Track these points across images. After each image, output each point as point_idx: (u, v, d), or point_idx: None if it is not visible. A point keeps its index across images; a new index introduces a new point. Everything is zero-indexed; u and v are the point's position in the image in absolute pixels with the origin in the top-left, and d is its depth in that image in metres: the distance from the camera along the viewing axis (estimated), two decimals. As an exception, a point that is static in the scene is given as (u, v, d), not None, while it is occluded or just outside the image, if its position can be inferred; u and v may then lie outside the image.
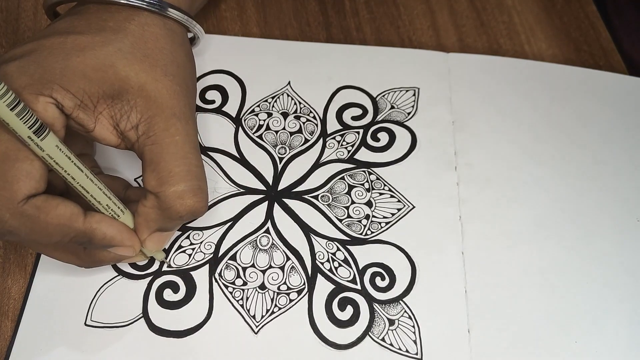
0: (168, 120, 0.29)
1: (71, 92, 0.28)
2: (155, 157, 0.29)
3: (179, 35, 0.33)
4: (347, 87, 0.41)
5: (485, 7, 0.47)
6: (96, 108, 0.29)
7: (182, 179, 0.29)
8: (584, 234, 0.37)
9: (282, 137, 0.39)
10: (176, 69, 0.31)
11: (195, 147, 0.30)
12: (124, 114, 0.29)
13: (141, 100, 0.29)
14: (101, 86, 0.28)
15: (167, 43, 0.31)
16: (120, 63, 0.29)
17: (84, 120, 0.29)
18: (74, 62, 0.28)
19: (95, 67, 0.28)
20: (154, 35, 0.31)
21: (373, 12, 0.45)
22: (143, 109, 0.29)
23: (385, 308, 0.34)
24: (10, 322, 0.32)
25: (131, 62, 0.29)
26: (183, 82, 0.31)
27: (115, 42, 0.29)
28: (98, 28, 0.30)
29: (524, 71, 0.42)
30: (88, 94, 0.28)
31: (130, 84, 0.29)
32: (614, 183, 0.39)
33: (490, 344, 0.33)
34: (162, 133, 0.29)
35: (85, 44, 0.29)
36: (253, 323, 0.33)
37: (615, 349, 0.33)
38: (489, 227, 0.36)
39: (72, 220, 0.28)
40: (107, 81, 0.28)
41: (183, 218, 0.29)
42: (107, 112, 0.29)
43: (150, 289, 0.33)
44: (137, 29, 0.31)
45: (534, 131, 0.40)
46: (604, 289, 0.35)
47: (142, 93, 0.29)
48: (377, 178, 0.38)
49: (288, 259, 0.35)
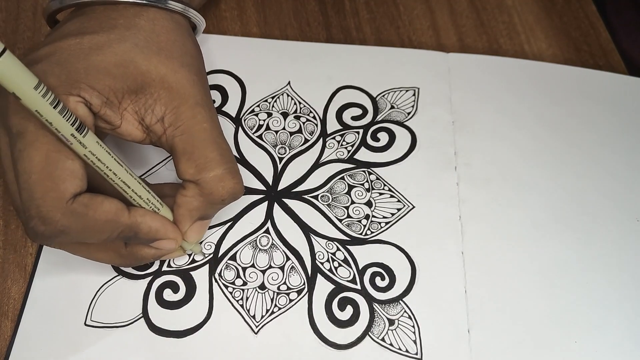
0: (193, 108, 0.30)
1: (97, 90, 0.28)
2: (188, 146, 0.29)
3: (185, 27, 0.33)
4: (347, 87, 0.41)
5: (485, 7, 0.47)
6: (121, 104, 0.29)
7: (219, 163, 0.29)
8: (584, 233, 0.37)
9: (282, 137, 0.39)
10: (190, 59, 0.31)
11: (221, 132, 0.31)
12: (148, 108, 0.30)
13: (164, 92, 0.29)
14: (125, 82, 0.29)
15: (178, 35, 0.32)
16: (139, 57, 0.29)
17: (110, 117, 0.29)
18: (95, 61, 0.28)
19: (116, 64, 0.29)
20: (164, 29, 0.31)
21: (373, 12, 0.45)
22: (167, 100, 0.29)
23: (385, 308, 0.34)
24: (10, 322, 0.32)
25: (148, 56, 0.29)
26: (199, 72, 0.32)
27: (130, 38, 0.30)
28: (110, 26, 0.30)
29: (524, 71, 0.42)
30: (113, 91, 0.28)
31: (151, 77, 0.29)
32: (613, 183, 0.39)
33: (490, 344, 0.33)
34: (190, 121, 0.30)
35: (102, 43, 0.29)
36: (253, 323, 0.33)
37: (615, 349, 0.33)
38: (489, 227, 0.36)
39: (118, 215, 0.28)
40: (130, 76, 0.29)
41: (225, 201, 0.30)
42: (131, 107, 0.30)
43: (150, 289, 0.33)
44: (148, 24, 0.31)
45: (533, 131, 0.40)
46: (604, 289, 0.35)
47: (164, 85, 0.29)
48: (377, 178, 0.38)
49: (288, 259, 0.35)
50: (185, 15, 0.34)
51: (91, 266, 0.33)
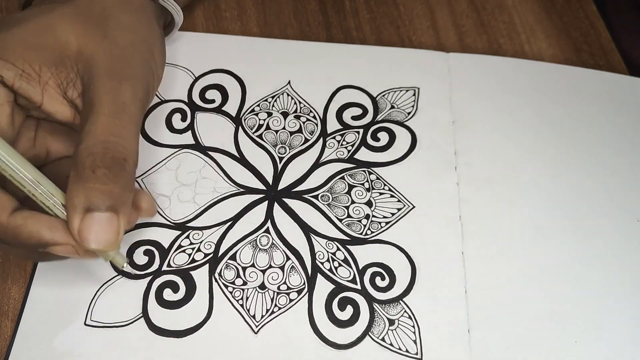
0: (99, 80, 0.28)
1: (10, 62, 0.27)
2: (82, 118, 0.27)
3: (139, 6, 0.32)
4: (347, 87, 0.41)
5: (485, 7, 0.47)
6: (41, 77, 0.28)
7: (97, 136, 0.26)
8: (584, 233, 0.37)
9: (282, 137, 0.39)
10: (120, 32, 0.30)
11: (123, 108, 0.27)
12: (69, 82, 0.28)
13: (82, 65, 0.28)
14: (42, 52, 0.28)
15: (116, 10, 0.31)
16: (61, 27, 0.28)
17: (29, 91, 0.27)
18: (14, 32, 0.28)
19: (34, 34, 0.28)
20: (101, 4, 0.30)
21: (373, 12, 0.45)
22: (84, 73, 0.28)
23: (385, 308, 0.34)
24: (10, 322, 0.32)
25: (72, 27, 0.29)
26: (129, 46, 0.30)
27: (59, 8, 0.29)
28: (49, 2, 0.30)
29: (524, 71, 0.42)
30: (29, 62, 0.27)
31: (70, 49, 0.28)
32: (614, 183, 0.39)
33: (490, 344, 0.33)
34: (91, 93, 0.27)
35: (29, 15, 0.28)
36: (253, 323, 0.33)
37: (615, 349, 0.33)
38: (489, 227, 0.36)
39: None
40: (48, 47, 0.28)
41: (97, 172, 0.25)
42: (52, 81, 0.28)
43: (150, 288, 0.33)
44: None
45: (533, 131, 0.40)
46: (604, 289, 0.35)
47: (81, 57, 0.28)
48: (377, 178, 0.38)
49: (288, 259, 0.35)
50: None
51: (91, 266, 0.33)
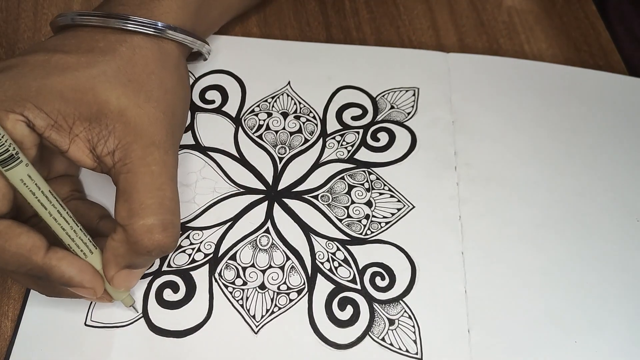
0: (146, 148, 0.28)
1: (44, 112, 0.27)
2: (128, 187, 0.28)
3: (173, 58, 0.32)
4: (347, 87, 0.41)
5: (485, 7, 0.47)
6: (72, 130, 0.28)
7: (153, 212, 0.27)
8: (584, 234, 0.37)
9: (282, 137, 0.39)
10: (163, 94, 0.30)
11: (172, 178, 0.29)
12: (101, 139, 0.28)
13: (120, 125, 0.28)
14: (78, 108, 0.28)
15: (157, 67, 0.31)
16: (102, 86, 0.28)
17: (56, 141, 0.28)
18: (52, 82, 0.27)
19: (74, 88, 0.28)
20: (143, 59, 0.30)
21: (373, 12, 0.45)
22: (121, 134, 0.28)
23: (385, 308, 0.34)
24: (10, 322, 0.32)
25: (114, 86, 0.28)
26: (168, 109, 0.30)
27: (100, 65, 0.29)
28: (87, 48, 0.29)
29: (524, 71, 0.42)
30: (63, 115, 0.27)
31: (109, 108, 0.28)
32: (614, 183, 0.39)
33: (490, 344, 0.33)
34: (138, 161, 0.28)
35: (69, 64, 0.28)
36: (253, 323, 0.33)
37: (615, 349, 0.33)
38: (489, 227, 0.36)
39: (31, 253, 0.26)
40: (85, 103, 0.28)
41: (151, 254, 0.28)
42: (84, 134, 0.28)
43: (150, 288, 0.33)
44: (128, 51, 0.30)
45: (533, 131, 0.40)
46: (604, 289, 0.35)
47: (122, 118, 0.28)
48: (377, 178, 0.38)
49: (288, 259, 0.35)
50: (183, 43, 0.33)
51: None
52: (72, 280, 0.28)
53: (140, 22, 0.30)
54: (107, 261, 0.29)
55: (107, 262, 0.29)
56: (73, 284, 0.28)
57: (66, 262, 0.27)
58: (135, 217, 0.27)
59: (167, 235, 0.28)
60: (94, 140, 0.28)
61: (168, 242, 0.28)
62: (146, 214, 0.27)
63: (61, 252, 0.28)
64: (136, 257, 0.28)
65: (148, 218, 0.27)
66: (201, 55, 0.37)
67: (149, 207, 0.27)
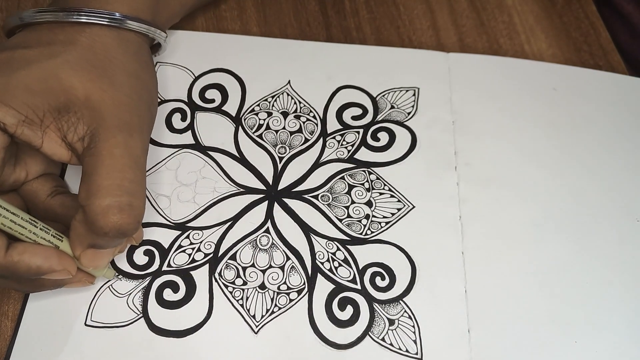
0: (108, 131, 0.28)
1: (13, 108, 0.27)
2: (89, 169, 0.28)
3: (134, 45, 0.32)
4: (347, 87, 0.41)
5: (485, 7, 0.47)
6: (43, 122, 0.28)
7: (109, 193, 0.27)
8: (584, 233, 0.37)
9: (282, 137, 0.39)
10: (126, 78, 0.30)
11: (135, 161, 0.29)
12: (71, 126, 0.28)
13: (87, 111, 0.28)
14: (46, 98, 0.28)
15: (119, 53, 0.31)
16: (66, 74, 0.28)
17: (29, 137, 0.28)
18: (17, 76, 0.27)
19: (39, 79, 0.28)
20: (104, 46, 0.31)
21: (373, 12, 0.45)
22: (89, 120, 0.28)
23: (385, 308, 0.34)
24: (10, 322, 0.32)
25: (78, 73, 0.29)
26: (133, 93, 0.30)
27: (63, 54, 0.29)
28: (48, 41, 0.30)
29: (524, 71, 0.42)
30: (32, 108, 0.27)
31: (75, 95, 0.28)
32: (614, 183, 0.39)
33: (490, 344, 0.33)
34: (100, 144, 0.28)
35: (32, 58, 0.28)
36: (253, 323, 0.33)
37: (615, 349, 0.33)
38: (489, 227, 0.36)
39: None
40: (52, 93, 0.28)
41: (108, 234, 0.28)
42: (54, 125, 0.28)
43: (150, 288, 0.33)
44: (87, 40, 0.30)
45: (533, 131, 0.40)
46: (604, 289, 0.35)
47: (88, 104, 0.28)
48: (377, 178, 0.38)
49: (288, 259, 0.35)
50: (147, 35, 0.33)
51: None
52: (41, 268, 0.28)
53: (93, 14, 0.31)
54: (72, 241, 0.29)
55: (72, 242, 0.29)
56: (43, 272, 0.28)
57: (28, 253, 0.27)
58: (92, 198, 0.27)
59: (123, 217, 0.27)
60: (64, 129, 0.28)
61: (124, 224, 0.28)
62: (102, 195, 0.27)
63: (21, 246, 0.27)
64: (96, 237, 0.28)
65: (104, 199, 0.27)
66: (160, 47, 0.37)
67: (105, 188, 0.27)
